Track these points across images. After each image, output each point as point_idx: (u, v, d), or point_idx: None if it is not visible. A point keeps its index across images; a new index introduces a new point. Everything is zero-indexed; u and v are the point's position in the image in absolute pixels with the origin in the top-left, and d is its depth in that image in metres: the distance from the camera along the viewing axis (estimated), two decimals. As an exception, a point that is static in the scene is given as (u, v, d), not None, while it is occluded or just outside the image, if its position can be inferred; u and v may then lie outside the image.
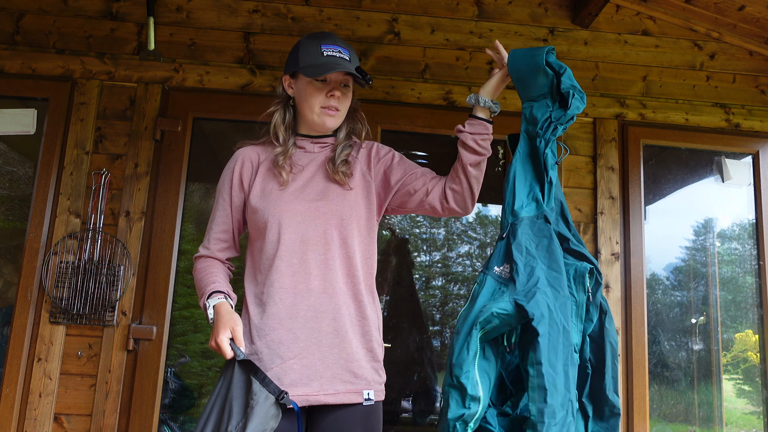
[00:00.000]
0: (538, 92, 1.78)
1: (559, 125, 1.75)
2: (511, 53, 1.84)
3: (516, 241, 1.71)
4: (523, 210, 1.75)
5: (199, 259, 1.87)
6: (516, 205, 1.75)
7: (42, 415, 2.57)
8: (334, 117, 1.83)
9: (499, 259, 1.74)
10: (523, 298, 1.61)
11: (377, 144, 1.94)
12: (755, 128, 3.04)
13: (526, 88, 1.79)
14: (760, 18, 2.91)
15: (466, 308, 1.70)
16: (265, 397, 1.54)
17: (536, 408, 1.55)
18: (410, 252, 4.94)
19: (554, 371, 1.56)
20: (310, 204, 1.77)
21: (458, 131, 1.83)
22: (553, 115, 1.75)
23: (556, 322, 1.60)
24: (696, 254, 3.41)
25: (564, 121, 1.74)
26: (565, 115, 1.74)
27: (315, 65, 1.77)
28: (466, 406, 1.58)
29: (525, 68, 1.79)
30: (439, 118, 2.93)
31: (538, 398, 1.55)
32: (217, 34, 2.94)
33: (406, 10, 3.03)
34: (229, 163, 1.89)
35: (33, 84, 2.85)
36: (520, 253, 1.69)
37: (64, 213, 2.72)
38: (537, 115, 1.77)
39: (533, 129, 1.78)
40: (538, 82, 1.77)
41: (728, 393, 3.26)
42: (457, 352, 1.61)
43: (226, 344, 1.64)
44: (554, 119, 1.75)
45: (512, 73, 1.81)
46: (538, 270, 1.67)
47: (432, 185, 1.85)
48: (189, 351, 3.93)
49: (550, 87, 1.77)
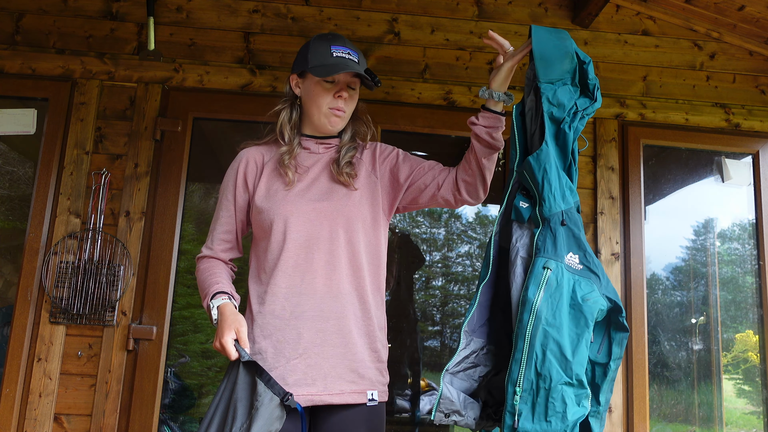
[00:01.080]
0: (558, 76, 1.71)
1: (586, 115, 1.71)
2: (534, 29, 1.76)
3: (581, 231, 1.65)
4: (568, 197, 1.68)
5: (202, 259, 1.86)
6: (566, 191, 1.67)
7: (42, 415, 2.57)
8: (340, 118, 1.82)
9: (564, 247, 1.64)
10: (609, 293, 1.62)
11: (380, 144, 1.94)
12: (755, 128, 3.04)
13: (548, 69, 1.72)
14: (760, 18, 2.91)
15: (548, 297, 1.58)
16: (270, 398, 1.53)
17: (605, 398, 1.63)
18: (417, 247, 4.92)
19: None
20: (315, 204, 1.77)
21: (471, 124, 1.81)
22: (578, 103, 1.70)
23: None
24: (696, 254, 3.41)
25: (590, 111, 1.70)
26: (591, 106, 1.70)
27: (325, 65, 1.77)
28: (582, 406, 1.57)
29: (552, 48, 1.73)
30: (439, 118, 2.93)
31: (608, 390, 1.63)
32: (217, 34, 2.95)
33: (406, 10, 3.03)
34: (233, 164, 1.89)
35: (33, 84, 2.85)
36: (587, 243, 1.65)
37: (64, 213, 2.72)
38: (563, 100, 1.70)
39: (560, 113, 1.70)
40: (563, 66, 1.72)
41: (728, 393, 3.26)
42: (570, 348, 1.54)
43: (231, 345, 1.63)
44: (580, 108, 1.70)
45: (537, 49, 1.73)
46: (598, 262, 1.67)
47: (442, 178, 1.84)
48: (189, 351, 3.93)
49: (572, 74, 1.72)
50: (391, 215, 1.90)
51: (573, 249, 1.63)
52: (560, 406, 1.51)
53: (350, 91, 1.83)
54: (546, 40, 1.74)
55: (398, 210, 1.92)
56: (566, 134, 1.69)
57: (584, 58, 1.73)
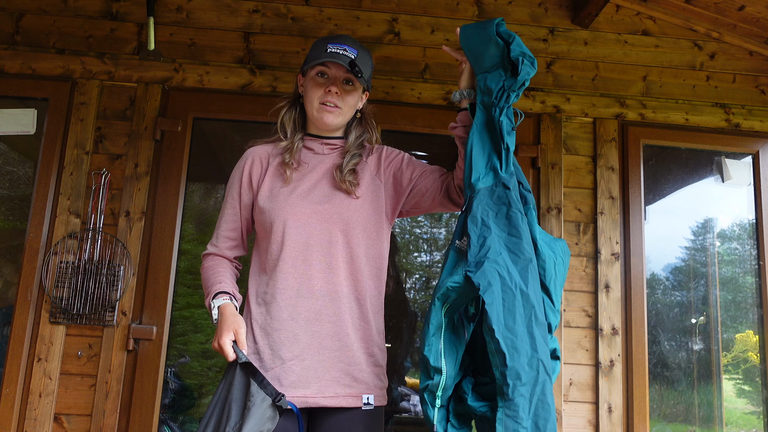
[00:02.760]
0: (490, 63, 1.80)
1: (512, 92, 1.77)
2: (462, 29, 1.86)
3: (471, 214, 1.73)
4: (480, 181, 1.76)
5: (208, 257, 1.87)
6: (473, 178, 1.76)
7: (42, 415, 2.57)
8: (332, 113, 1.81)
9: (458, 232, 1.76)
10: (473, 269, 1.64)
11: (387, 147, 1.94)
12: (755, 128, 3.04)
13: (480, 61, 1.82)
14: (760, 18, 2.91)
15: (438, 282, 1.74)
16: (262, 398, 1.54)
17: (498, 372, 1.58)
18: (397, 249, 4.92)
19: (513, 334, 1.59)
20: (316, 206, 1.77)
21: (453, 128, 1.84)
22: (506, 83, 1.77)
23: (510, 287, 1.64)
24: (696, 254, 3.41)
25: (516, 87, 1.76)
26: (516, 82, 1.75)
27: (315, 59, 1.78)
28: (430, 377, 1.63)
29: (476, 40, 1.82)
30: (439, 118, 2.93)
31: (499, 362, 1.58)
32: (217, 34, 2.95)
33: (406, 10, 3.03)
34: (239, 162, 1.89)
35: (33, 84, 2.85)
36: (475, 225, 1.71)
37: (64, 213, 2.72)
38: (491, 86, 1.78)
39: (489, 99, 1.78)
40: (489, 53, 1.80)
41: (728, 393, 3.26)
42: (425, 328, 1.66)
43: (229, 346, 1.64)
44: (506, 87, 1.77)
45: (464, 47, 1.84)
46: (490, 239, 1.69)
47: (442, 182, 1.85)
48: (189, 351, 3.93)
49: (502, 57, 1.79)
50: (393, 219, 1.90)
51: (466, 232, 1.71)
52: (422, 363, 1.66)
53: (345, 86, 1.82)
54: (471, 35, 1.83)
55: (401, 214, 1.92)
56: (492, 117, 1.77)
57: (508, 38, 1.79)
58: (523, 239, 1.71)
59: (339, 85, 1.81)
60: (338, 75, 1.81)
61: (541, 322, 1.66)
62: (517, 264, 1.67)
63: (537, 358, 1.60)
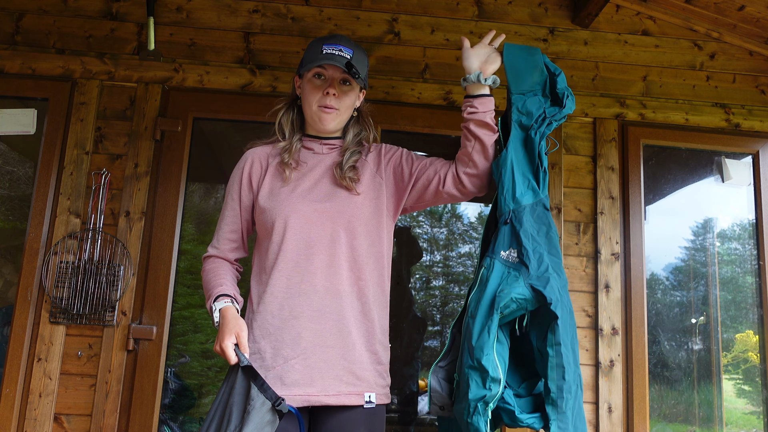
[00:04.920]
0: (529, 87, 1.90)
1: (554, 121, 1.87)
2: (506, 46, 1.93)
3: (523, 228, 1.78)
4: (524, 197, 1.82)
5: (209, 259, 1.86)
6: (518, 193, 1.82)
7: (42, 415, 2.57)
8: (330, 115, 1.82)
9: (504, 243, 1.80)
10: (537, 282, 1.70)
11: (386, 144, 1.95)
12: (755, 128, 3.04)
13: (519, 81, 1.91)
14: (760, 18, 2.91)
15: (477, 291, 1.76)
16: (262, 402, 1.55)
17: (556, 386, 1.66)
18: (415, 241, 4.91)
19: (568, 350, 1.68)
20: (317, 205, 1.77)
21: (472, 113, 1.84)
22: (547, 111, 1.88)
23: (565, 304, 1.72)
24: (696, 254, 3.41)
25: (558, 117, 1.88)
26: (560, 113, 1.87)
27: (312, 61, 1.78)
28: (487, 388, 1.65)
29: (523, 63, 1.91)
30: (439, 118, 2.93)
31: (557, 376, 1.66)
32: (217, 34, 2.95)
33: (406, 10, 3.03)
34: (239, 163, 1.89)
35: (33, 84, 2.85)
36: (528, 239, 1.77)
37: (64, 213, 2.72)
38: (531, 109, 1.87)
39: (528, 121, 1.87)
40: (532, 78, 1.90)
41: (728, 393, 3.26)
42: (476, 336, 1.68)
43: (231, 350, 1.64)
44: (548, 115, 1.87)
45: (508, 64, 1.91)
46: (545, 256, 1.76)
47: (444, 172, 1.85)
48: (189, 351, 3.93)
49: (543, 85, 1.90)
50: (396, 216, 1.89)
51: (513, 245, 1.78)
52: (464, 387, 1.67)
53: (342, 87, 1.82)
54: (516, 55, 1.92)
55: (405, 210, 1.92)
56: (532, 139, 1.86)
57: (554, 70, 1.92)
58: (561, 259, 1.80)
59: (336, 86, 1.81)
60: (335, 76, 1.81)
61: (577, 342, 1.78)
62: (560, 282, 1.76)
63: (578, 373, 1.71)
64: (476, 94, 1.85)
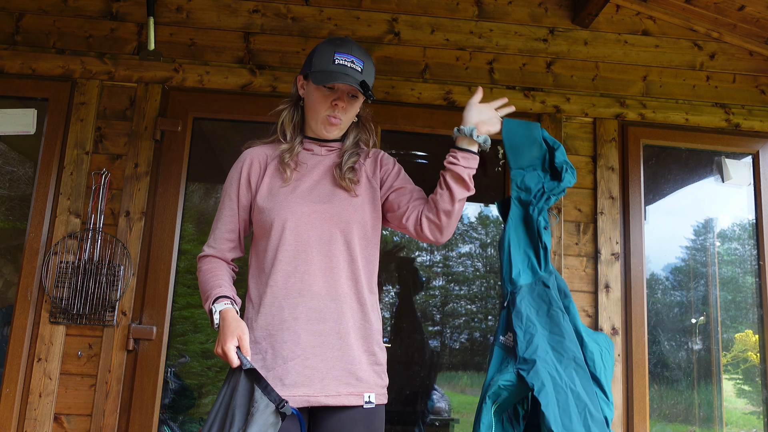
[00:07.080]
0: (528, 162, 1.90)
1: (552, 195, 1.87)
2: (505, 122, 1.88)
3: (515, 310, 1.78)
4: (521, 278, 1.82)
5: (205, 259, 1.86)
6: (513, 273, 1.82)
7: (42, 415, 2.57)
8: (334, 126, 1.82)
9: (502, 328, 1.80)
10: (524, 367, 1.69)
11: (385, 154, 1.94)
12: (755, 128, 3.04)
13: (518, 157, 1.91)
14: (760, 18, 2.91)
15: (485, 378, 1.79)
16: (266, 405, 1.55)
17: None
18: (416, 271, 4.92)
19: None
20: (315, 206, 1.77)
21: (451, 164, 1.79)
22: (546, 186, 1.88)
23: (562, 386, 1.68)
24: (696, 254, 3.41)
25: (557, 192, 1.87)
26: (558, 187, 1.87)
27: (323, 71, 1.76)
28: None
29: (521, 139, 1.91)
30: (439, 118, 2.93)
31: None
32: (217, 34, 2.95)
33: (406, 10, 3.03)
34: (236, 163, 1.89)
35: (33, 84, 2.85)
36: (520, 321, 1.76)
37: (64, 213, 2.72)
38: (530, 185, 1.88)
39: (527, 197, 1.88)
40: (532, 153, 1.90)
41: (728, 393, 3.26)
42: (474, 425, 1.71)
43: (233, 353, 1.64)
44: (547, 190, 1.87)
45: (506, 139, 1.91)
46: (537, 337, 1.73)
47: (413, 207, 1.83)
48: (189, 351, 3.93)
49: (542, 159, 1.90)
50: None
51: (511, 328, 1.77)
52: None
53: (349, 99, 1.82)
54: (516, 131, 1.91)
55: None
56: (531, 216, 1.86)
57: (553, 144, 1.91)
58: (565, 337, 1.76)
59: (345, 99, 1.80)
60: (345, 88, 1.80)
61: (597, 417, 1.69)
62: (561, 362, 1.73)
63: None
64: (463, 148, 1.81)
